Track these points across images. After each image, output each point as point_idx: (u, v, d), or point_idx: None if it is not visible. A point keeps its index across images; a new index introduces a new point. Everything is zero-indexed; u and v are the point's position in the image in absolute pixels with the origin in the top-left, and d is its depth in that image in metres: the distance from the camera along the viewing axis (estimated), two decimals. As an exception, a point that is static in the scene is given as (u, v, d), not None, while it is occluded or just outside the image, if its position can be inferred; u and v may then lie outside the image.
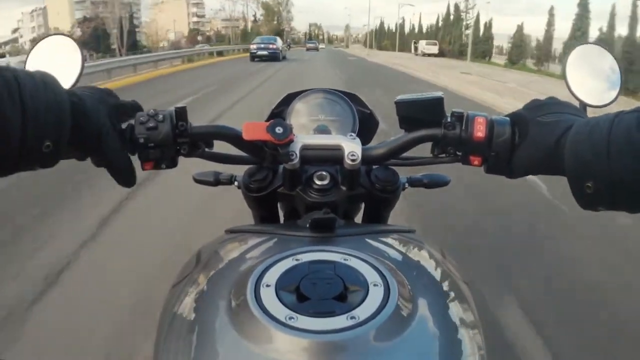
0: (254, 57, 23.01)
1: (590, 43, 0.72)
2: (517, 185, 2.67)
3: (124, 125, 0.61)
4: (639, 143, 0.45)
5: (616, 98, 0.67)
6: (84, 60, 0.68)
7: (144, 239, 2.83)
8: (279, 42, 25.48)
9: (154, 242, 2.76)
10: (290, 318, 0.42)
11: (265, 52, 23.05)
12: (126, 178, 0.60)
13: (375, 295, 0.45)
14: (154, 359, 0.50)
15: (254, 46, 23.64)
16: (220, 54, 30.23)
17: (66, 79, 0.65)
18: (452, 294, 0.54)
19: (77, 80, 0.66)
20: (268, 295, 0.45)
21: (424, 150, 0.69)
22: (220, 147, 0.70)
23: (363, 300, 0.45)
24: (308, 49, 50.09)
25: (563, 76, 0.69)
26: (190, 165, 0.73)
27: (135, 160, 0.61)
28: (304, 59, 27.09)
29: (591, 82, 0.69)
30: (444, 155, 0.66)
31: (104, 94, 0.59)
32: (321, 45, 71.92)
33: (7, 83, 0.45)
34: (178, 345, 0.48)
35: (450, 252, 0.66)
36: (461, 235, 2.96)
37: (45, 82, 0.49)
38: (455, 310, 0.52)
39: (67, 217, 3.19)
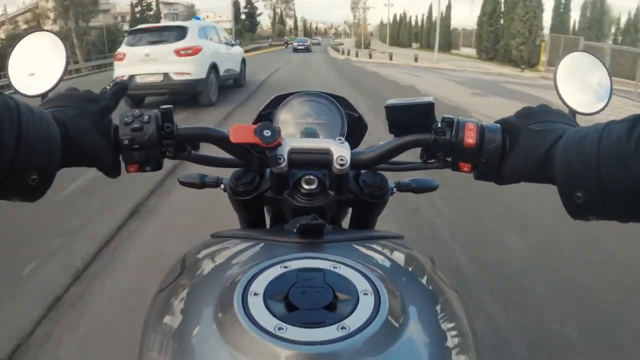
0: (295, 50, 39.22)
1: (581, 51, 0.72)
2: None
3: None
4: (628, 153, 0.45)
5: (606, 106, 0.67)
6: (68, 57, 0.66)
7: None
8: (309, 41, 45.44)
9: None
10: (280, 328, 0.41)
11: (302, 47, 40.15)
12: (114, 172, 0.61)
13: (365, 305, 0.44)
14: None
15: (296, 44, 41.73)
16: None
17: (50, 77, 0.63)
18: (442, 302, 0.54)
19: (62, 78, 0.64)
20: (256, 305, 0.44)
21: (411, 156, 0.68)
22: (207, 149, 0.67)
23: (353, 310, 0.44)
24: (312, 44, 53.25)
25: (554, 83, 0.69)
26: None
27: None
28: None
29: (581, 90, 0.69)
30: (433, 160, 0.65)
31: (86, 103, 0.58)
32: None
33: (9, 110, 0.46)
34: (163, 355, 0.47)
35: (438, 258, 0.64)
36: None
37: (41, 117, 0.50)
38: (446, 319, 0.51)
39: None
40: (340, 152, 0.63)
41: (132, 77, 7.35)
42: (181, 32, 7.97)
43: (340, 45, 48.03)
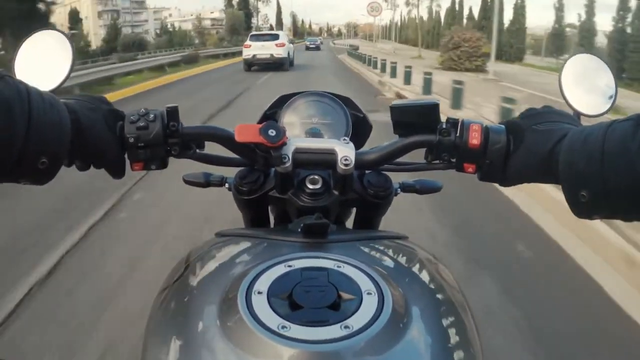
0: (307, 48, 45.71)
1: (586, 53, 0.72)
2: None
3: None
4: (633, 151, 0.45)
5: (610, 108, 0.67)
6: (75, 55, 0.66)
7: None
8: (319, 40, 51.66)
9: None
10: (283, 327, 0.41)
11: (313, 45, 46.87)
12: (118, 172, 0.61)
13: (369, 304, 0.44)
14: None
15: (308, 43, 48.46)
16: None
17: (56, 75, 0.64)
18: (447, 302, 0.53)
19: (68, 76, 0.64)
20: (260, 303, 0.44)
21: (416, 156, 0.69)
22: (212, 148, 0.69)
23: (357, 309, 0.44)
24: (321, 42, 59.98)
25: (558, 84, 0.69)
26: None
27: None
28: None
29: (585, 91, 0.69)
30: (438, 161, 0.65)
31: (97, 101, 0.60)
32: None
33: (20, 94, 0.47)
34: (166, 353, 0.47)
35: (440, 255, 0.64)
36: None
37: (51, 102, 0.51)
38: (450, 318, 0.51)
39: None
40: (345, 152, 0.63)
41: (254, 55, 17.96)
42: (276, 35, 19.20)
43: (357, 50, 28.92)
